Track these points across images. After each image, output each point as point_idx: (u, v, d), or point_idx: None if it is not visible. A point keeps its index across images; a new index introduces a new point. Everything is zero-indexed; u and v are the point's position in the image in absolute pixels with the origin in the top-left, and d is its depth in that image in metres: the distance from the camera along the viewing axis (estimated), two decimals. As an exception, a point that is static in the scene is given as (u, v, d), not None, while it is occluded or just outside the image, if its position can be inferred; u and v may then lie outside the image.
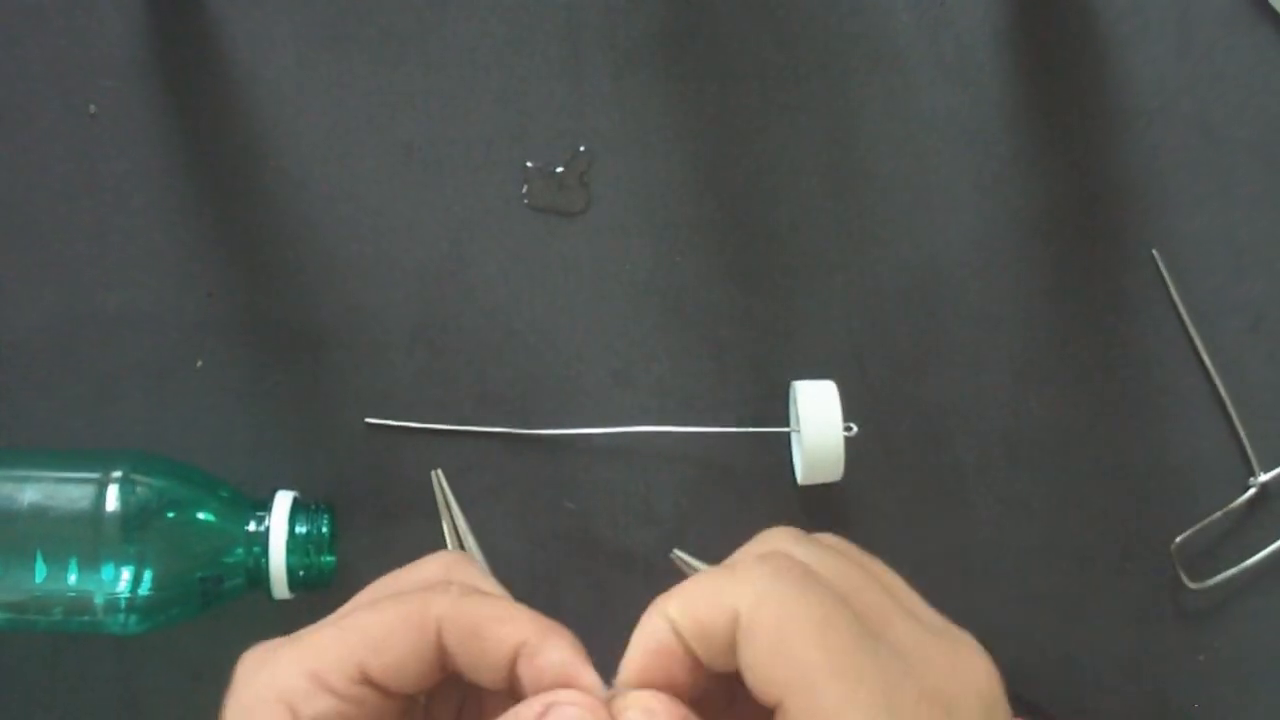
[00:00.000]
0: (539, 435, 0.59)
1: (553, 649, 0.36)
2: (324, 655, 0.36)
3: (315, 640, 0.37)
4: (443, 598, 0.37)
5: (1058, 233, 0.60)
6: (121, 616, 0.52)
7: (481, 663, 0.36)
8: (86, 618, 0.53)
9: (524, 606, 0.37)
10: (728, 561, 0.38)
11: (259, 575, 0.54)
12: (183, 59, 0.60)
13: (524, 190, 0.60)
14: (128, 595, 0.52)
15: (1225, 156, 0.60)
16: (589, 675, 0.35)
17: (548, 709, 0.35)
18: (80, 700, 0.58)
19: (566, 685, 0.35)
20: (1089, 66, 0.61)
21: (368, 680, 0.36)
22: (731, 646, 0.34)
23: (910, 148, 0.60)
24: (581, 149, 0.60)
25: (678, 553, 0.56)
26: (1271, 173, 0.60)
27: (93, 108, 0.60)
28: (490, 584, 0.40)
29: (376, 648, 0.36)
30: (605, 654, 0.59)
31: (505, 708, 0.35)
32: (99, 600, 0.52)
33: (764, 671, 0.33)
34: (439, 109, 0.60)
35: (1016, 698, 0.57)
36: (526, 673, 0.36)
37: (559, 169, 0.60)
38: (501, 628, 0.36)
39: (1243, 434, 0.59)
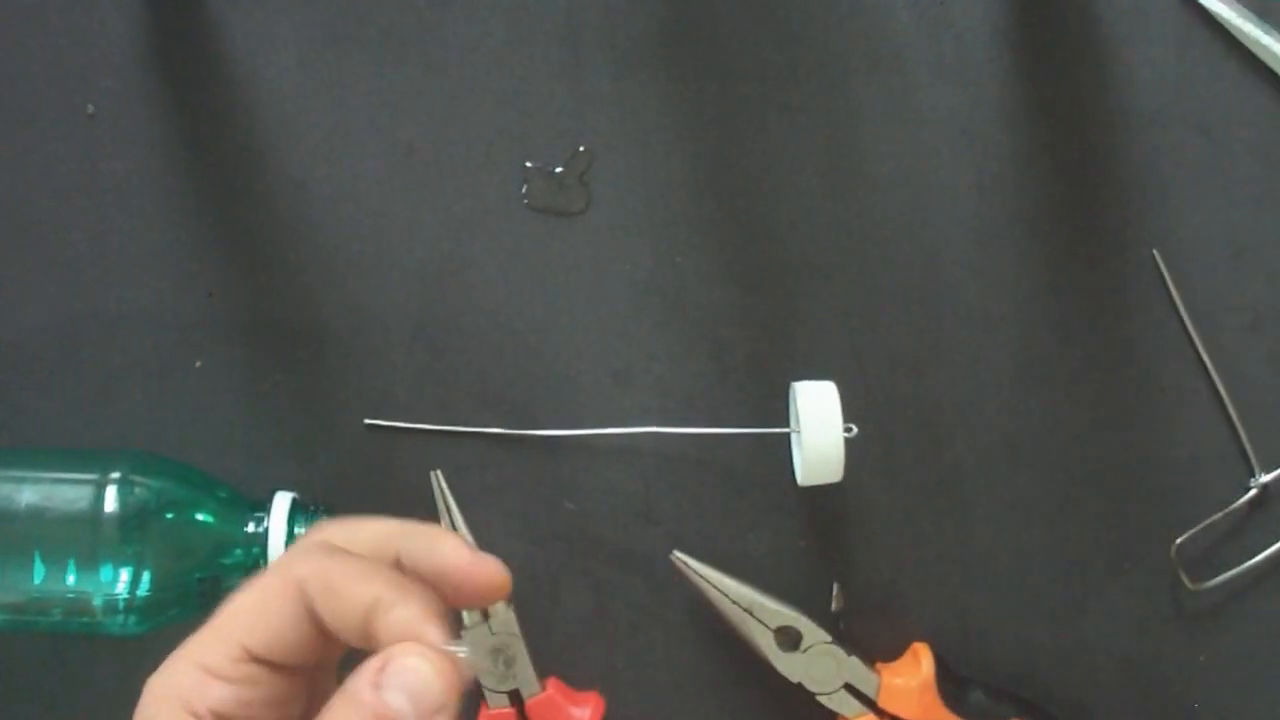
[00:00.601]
0: (539, 435, 0.59)
1: (403, 606, 0.36)
2: (207, 646, 0.37)
3: (198, 636, 0.38)
4: (304, 560, 0.38)
5: (1057, 233, 0.60)
6: (120, 617, 0.52)
7: (341, 621, 0.37)
8: (85, 619, 0.53)
9: (386, 567, 0.38)
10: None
11: (258, 575, 0.54)
12: (183, 59, 0.60)
13: (524, 190, 0.60)
14: (126, 596, 0.52)
15: (1225, 156, 0.60)
16: (435, 631, 0.36)
17: (386, 663, 0.35)
18: (80, 700, 0.58)
19: (414, 640, 0.36)
20: (1089, 66, 0.61)
21: (253, 658, 0.37)
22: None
23: (910, 148, 0.60)
24: (581, 149, 0.60)
25: (678, 554, 0.56)
26: (1271, 173, 0.60)
27: (92, 108, 0.60)
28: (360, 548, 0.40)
29: (251, 623, 0.37)
30: (606, 654, 0.59)
31: None
32: (97, 601, 0.52)
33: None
34: (439, 109, 0.60)
35: (1017, 698, 0.57)
36: (379, 630, 0.36)
37: (559, 169, 0.60)
38: (357, 586, 0.36)
39: (1243, 434, 0.59)
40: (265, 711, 0.37)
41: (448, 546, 0.38)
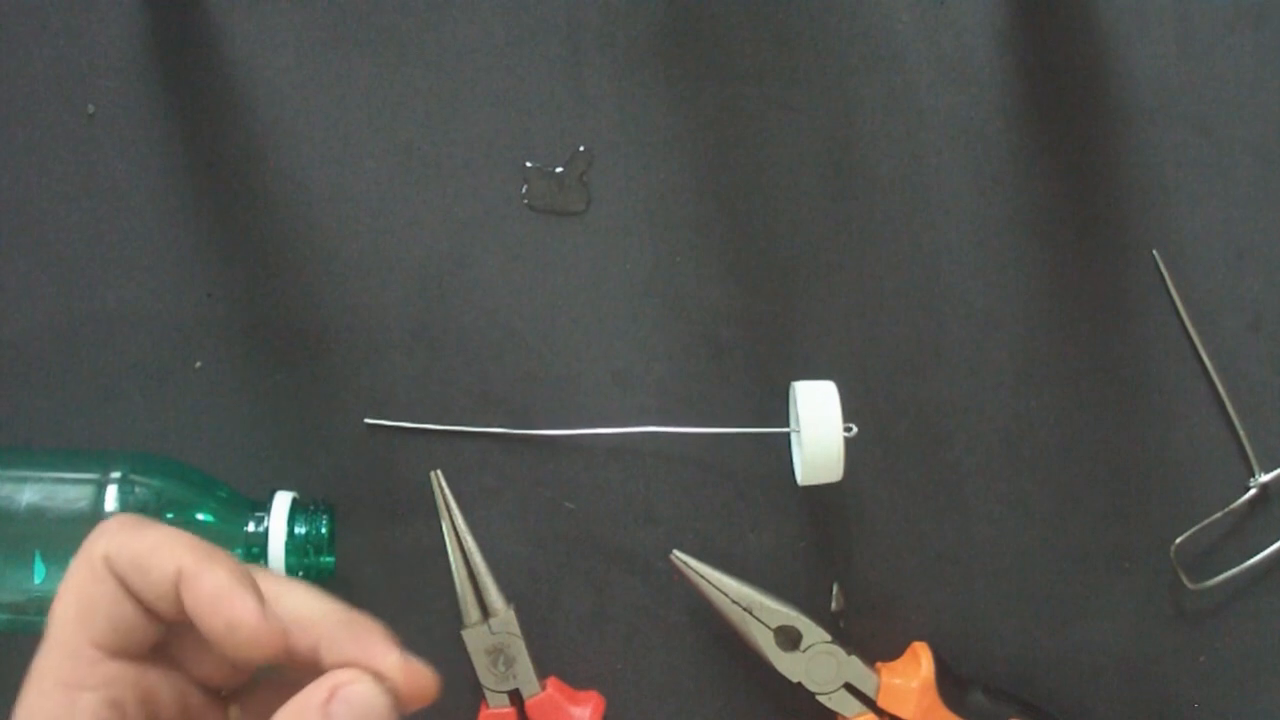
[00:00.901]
0: (539, 435, 0.59)
1: (209, 574, 0.35)
2: (58, 660, 0.36)
3: (45, 655, 0.36)
4: (106, 538, 0.36)
5: (1058, 233, 0.60)
6: (121, 617, 0.52)
7: (152, 593, 0.35)
8: (86, 618, 0.52)
9: (186, 535, 0.37)
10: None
11: (258, 575, 0.54)
12: (183, 59, 0.60)
13: (524, 190, 0.60)
14: (127, 596, 0.52)
15: (1225, 156, 0.60)
16: (248, 600, 0.35)
17: (335, 689, 0.34)
18: (79, 701, 0.58)
19: (227, 611, 0.34)
20: (1089, 66, 0.61)
21: (109, 654, 0.36)
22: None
23: (910, 147, 0.60)
24: (581, 149, 0.60)
25: (677, 553, 0.57)
26: (1271, 173, 0.60)
27: (91, 107, 0.60)
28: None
29: (83, 619, 0.36)
30: (606, 654, 0.59)
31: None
32: (98, 601, 0.52)
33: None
34: (439, 109, 0.60)
35: (1016, 698, 0.57)
36: (189, 601, 0.35)
37: (559, 169, 0.60)
38: (161, 557, 0.35)
39: (1242, 434, 0.59)
40: (149, 705, 0.36)
41: (379, 651, 0.36)
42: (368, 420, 0.59)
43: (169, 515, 0.53)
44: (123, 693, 0.36)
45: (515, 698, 0.56)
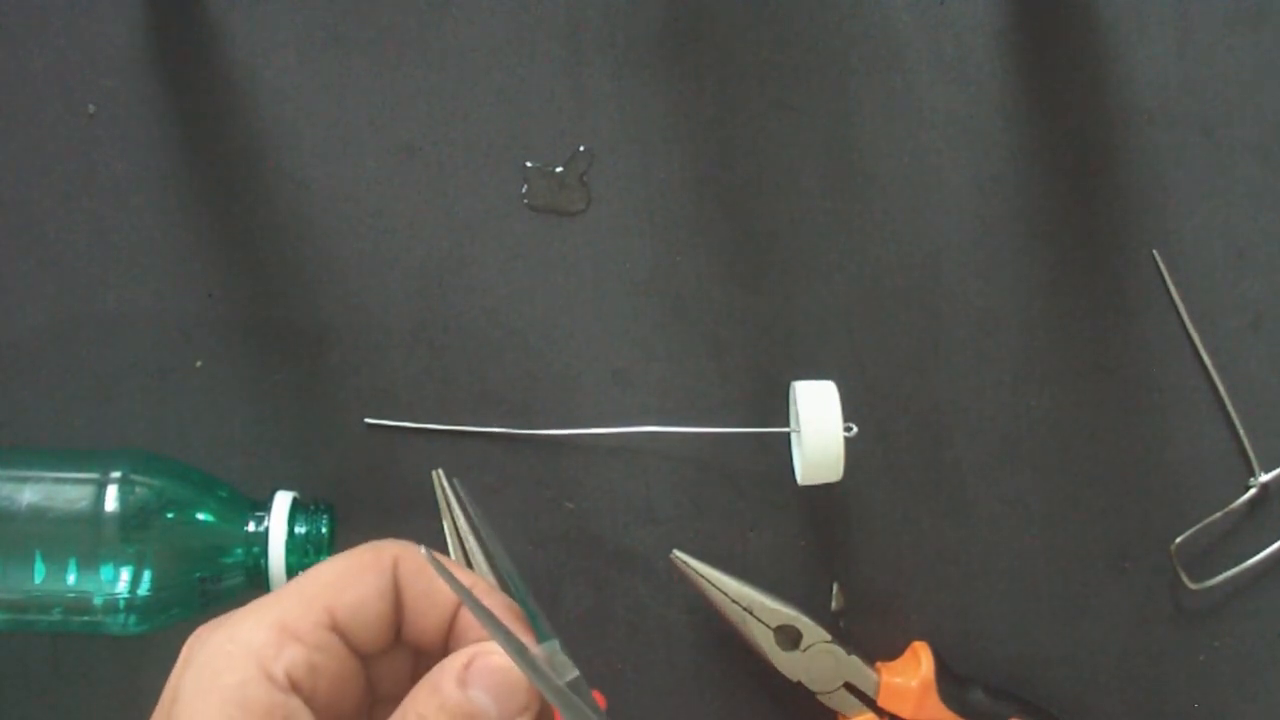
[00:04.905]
0: (539, 435, 0.59)
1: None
2: (288, 605, 0.36)
3: (278, 597, 0.37)
4: (399, 545, 0.38)
5: (1058, 232, 0.60)
6: (121, 617, 0.53)
7: (426, 608, 0.37)
8: (86, 618, 0.53)
9: (482, 591, 0.38)
10: None
11: (258, 575, 0.54)
12: (183, 59, 0.60)
13: (524, 190, 0.60)
14: (127, 595, 0.52)
15: (1225, 156, 0.60)
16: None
17: (472, 659, 0.36)
18: (81, 700, 0.58)
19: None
20: (1089, 66, 0.61)
21: (334, 626, 0.36)
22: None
23: (910, 147, 0.60)
24: (581, 149, 0.60)
25: (677, 553, 0.57)
26: (1271, 173, 0.60)
27: (92, 107, 0.60)
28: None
29: (339, 588, 0.37)
30: (606, 654, 0.59)
31: None
32: (98, 600, 0.52)
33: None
34: (439, 109, 0.60)
35: (1017, 697, 0.57)
36: (463, 624, 0.36)
37: (559, 169, 0.60)
38: (445, 597, 0.37)
39: (1242, 434, 0.59)
40: (330, 686, 0.36)
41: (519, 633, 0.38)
42: (368, 420, 0.59)
43: (169, 514, 0.53)
44: (327, 665, 0.36)
45: (515, 697, 0.56)
